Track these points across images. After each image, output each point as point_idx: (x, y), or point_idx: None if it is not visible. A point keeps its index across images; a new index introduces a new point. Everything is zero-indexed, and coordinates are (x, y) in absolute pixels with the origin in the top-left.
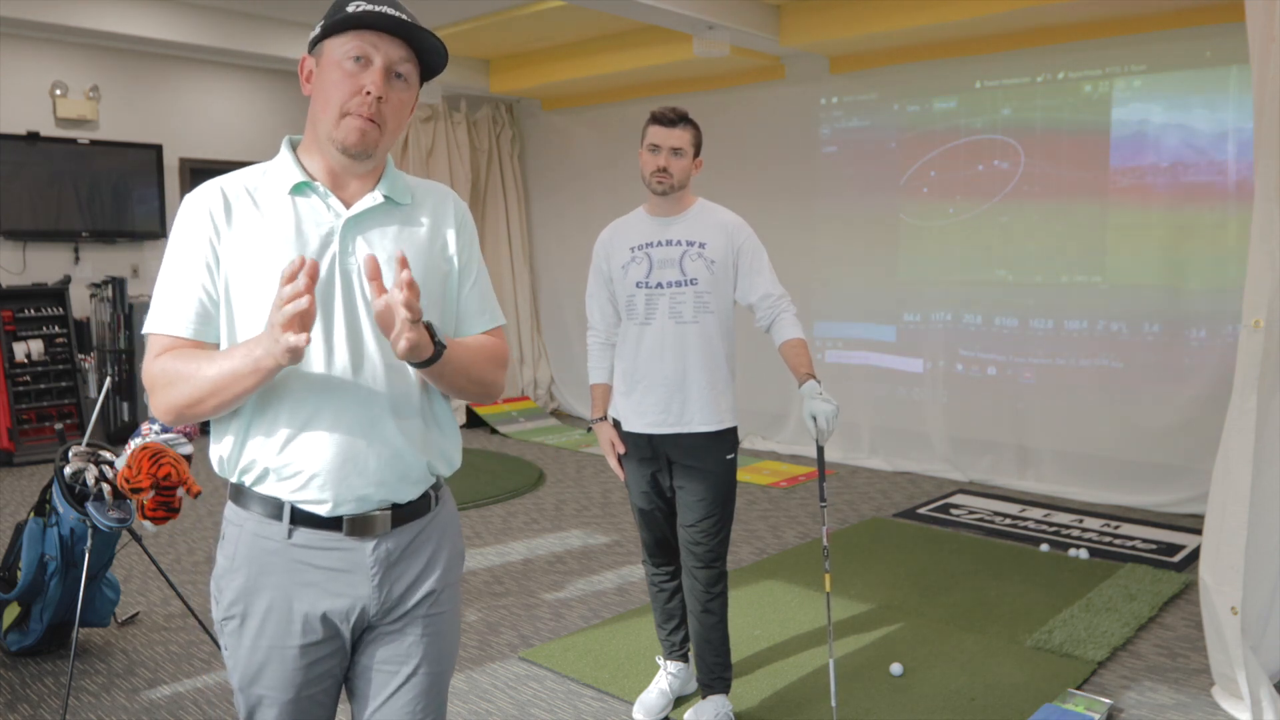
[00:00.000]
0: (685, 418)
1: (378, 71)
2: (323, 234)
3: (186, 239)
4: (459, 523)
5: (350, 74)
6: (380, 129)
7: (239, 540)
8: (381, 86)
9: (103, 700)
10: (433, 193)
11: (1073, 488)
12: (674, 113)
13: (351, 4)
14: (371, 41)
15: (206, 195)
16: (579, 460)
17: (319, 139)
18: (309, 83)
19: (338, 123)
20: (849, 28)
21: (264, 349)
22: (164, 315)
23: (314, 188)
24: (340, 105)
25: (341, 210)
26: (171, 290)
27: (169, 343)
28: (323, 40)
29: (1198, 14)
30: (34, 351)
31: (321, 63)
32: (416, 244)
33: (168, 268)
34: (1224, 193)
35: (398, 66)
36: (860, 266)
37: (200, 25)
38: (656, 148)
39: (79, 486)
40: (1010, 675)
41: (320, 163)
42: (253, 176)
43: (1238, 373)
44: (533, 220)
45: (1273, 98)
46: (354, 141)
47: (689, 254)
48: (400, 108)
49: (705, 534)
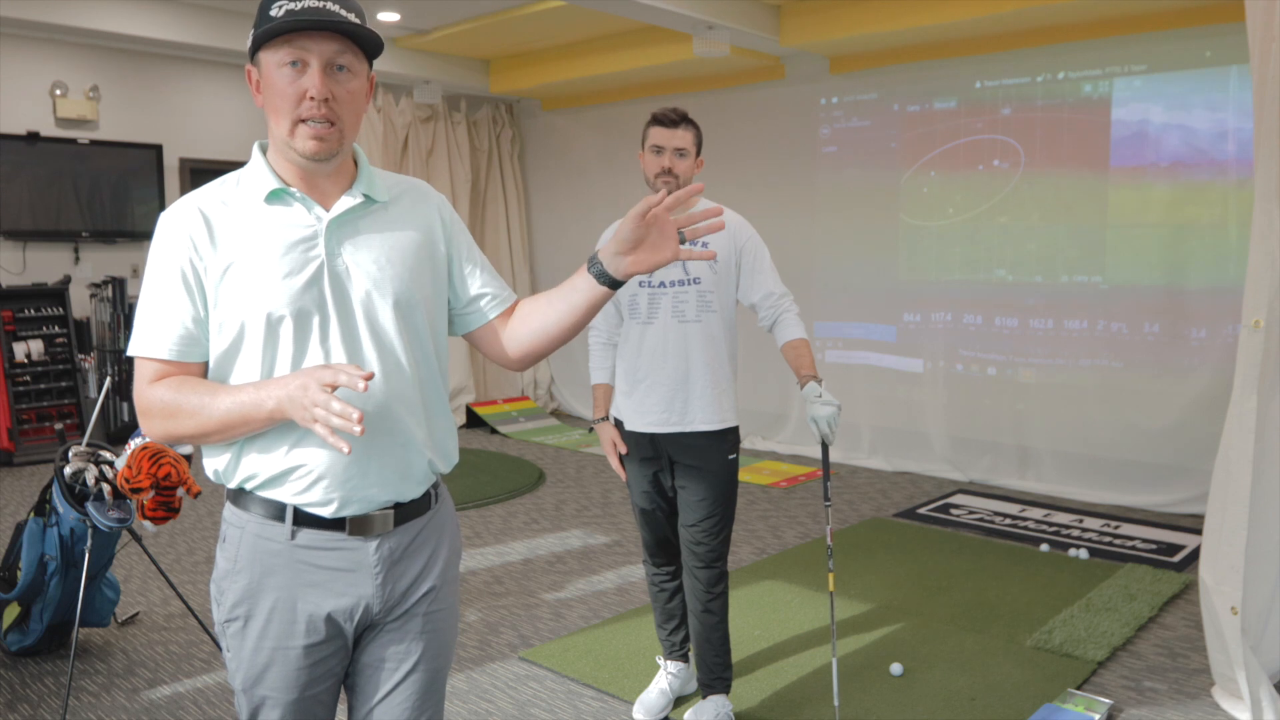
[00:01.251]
0: (687, 417)
1: (316, 73)
2: (307, 239)
3: (166, 261)
4: (457, 520)
5: (290, 80)
6: (336, 126)
7: (240, 542)
8: (323, 87)
9: (103, 700)
10: (410, 189)
11: (1073, 488)
12: (675, 113)
13: (274, 6)
14: (301, 45)
15: (183, 215)
16: (579, 460)
17: (279, 148)
18: (260, 93)
19: (292, 131)
20: (849, 28)
21: (285, 407)
22: (149, 338)
23: (291, 194)
24: (290, 115)
25: (322, 213)
26: (154, 313)
27: (159, 368)
28: (257, 51)
29: (1198, 14)
30: (34, 351)
31: (263, 72)
32: (402, 243)
33: (149, 290)
34: (1224, 193)
35: (336, 60)
36: (860, 266)
37: (200, 25)
38: (660, 149)
39: (79, 486)
40: (1010, 675)
41: (290, 167)
42: (226, 188)
43: (1238, 373)
44: (533, 220)
45: (1273, 98)
46: (313, 149)
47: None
48: (352, 98)
49: (706, 534)
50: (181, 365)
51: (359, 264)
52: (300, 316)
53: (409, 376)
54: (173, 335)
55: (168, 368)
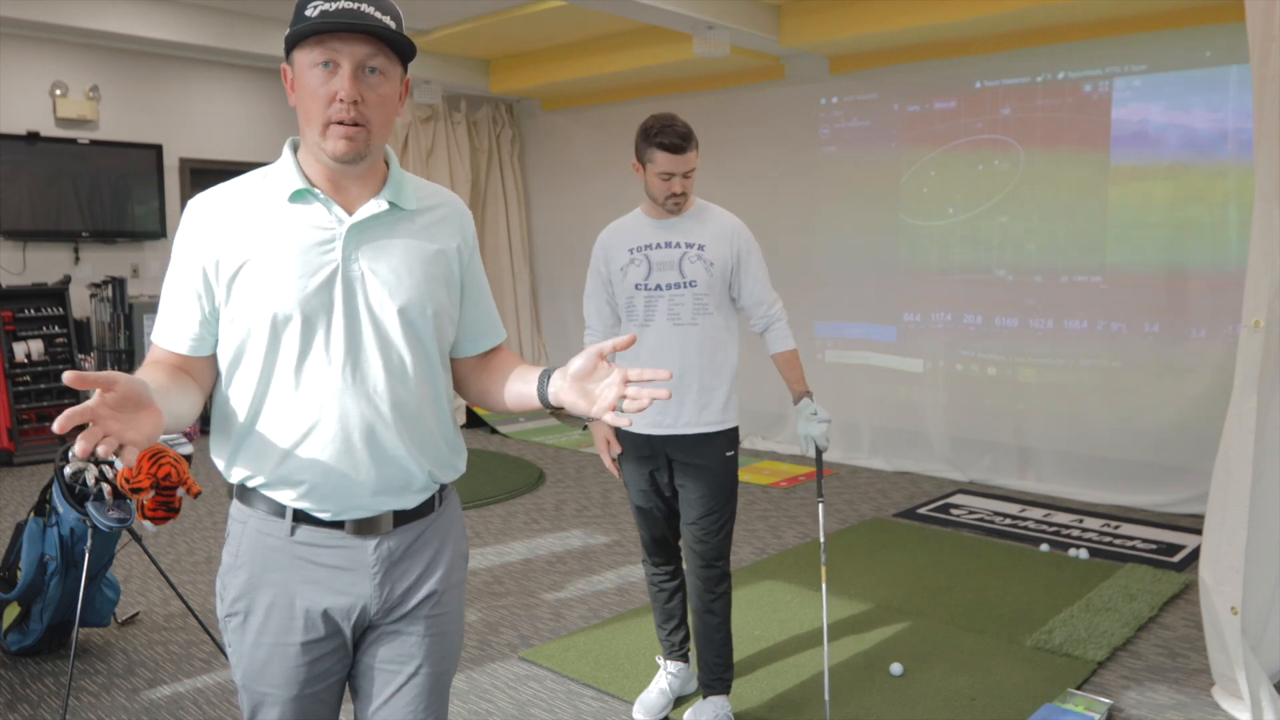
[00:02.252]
0: (683, 419)
1: (347, 76)
2: (325, 241)
3: (183, 255)
4: (463, 524)
5: (322, 81)
6: (366, 129)
7: (242, 537)
8: (354, 90)
9: (103, 700)
10: (442, 203)
11: (1073, 488)
12: (681, 136)
13: (310, 6)
14: (334, 46)
15: (206, 207)
16: (579, 460)
17: (310, 147)
18: (294, 92)
19: (323, 133)
20: (849, 28)
21: None
22: (163, 329)
23: (314, 194)
24: (321, 116)
25: (344, 217)
26: (171, 305)
27: (165, 357)
28: (291, 50)
29: (1198, 14)
30: (34, 351)
31: (296, 72)
32: (421, 254)
33: (169, 280)
34: (1224, 193)
35: (368, 63)
36: (860, 266)
37: (200, 25)
38: (669, 175)
39: (79, 486)
40: (1010, 675)
41: (318, 168)
42: (253, 184)
43: (1238, 373)
44: (533, 220)
45: (1273, 98)
46: (342, 150)
47: (688, 256)
48: (383, 101)
49: (706, 531)
50: (192, 359)
51: (374, 271)
52: (307, 318)
53: (412, 388)
54: (186, 331)
55: (179, 360)
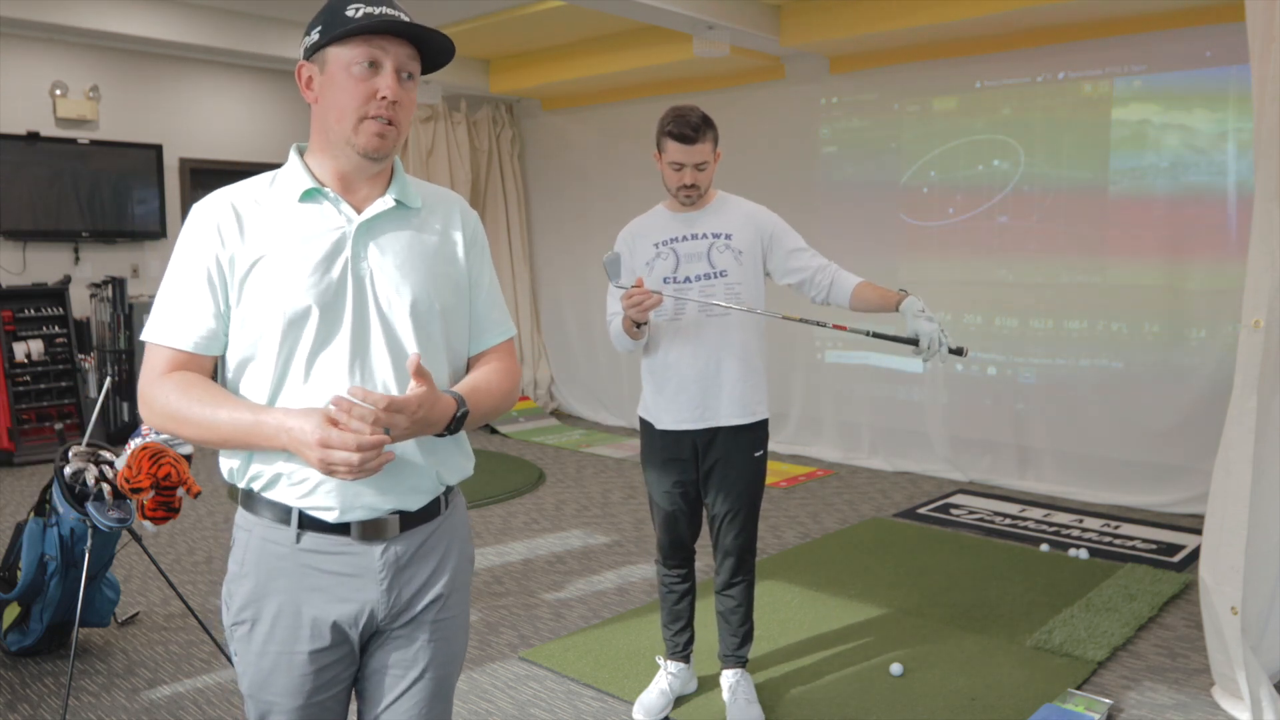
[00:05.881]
0: (718, 412)
1: (390, 75)
2: (334, 239)
3: (192, 252)
4: (469, 526)
5: (362, 79)
6: (397, 129)
7: (248, 545)
8: (396, 90)
9: (103, 700)
10: (443, 200)
11: (1073, 488)
12: (691, 127)
13: (350, 7)
14: (380, 46)
15: (215, 208)
16: (579, 460)
17: (331, 144)
18: (310, 89)
19: (356, 128)
20: (849, 28)
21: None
22: (166, 327)
23: (324, 193)
24: (357, 111)
25: (353, 215)
26: (175, 302)
27: (175, 357)
28: (325, 47)
29: (1198, 14)
30: (34, 351)
31: (328, 70)
32: (427, 250)
33: (172, 278)
34: (1224, 193)
35: (407, 67)
36: (860, 266)
37: (200, 25)
38: (680, 166)
39: (79, 486)
40: (1010, 675)
41: (329, 167)
42: (260, 186)
43: (1238, 373)
44: (533, 220)
45: (1273, 98)
46: (375, 146)
47: (715, 246)
48: (409, 107)
49: (733, 526)
50: (197, 358)
51: (382, 268)
52: (318, 316)
53: None
54: (194, 327)
55: (184, 359)
